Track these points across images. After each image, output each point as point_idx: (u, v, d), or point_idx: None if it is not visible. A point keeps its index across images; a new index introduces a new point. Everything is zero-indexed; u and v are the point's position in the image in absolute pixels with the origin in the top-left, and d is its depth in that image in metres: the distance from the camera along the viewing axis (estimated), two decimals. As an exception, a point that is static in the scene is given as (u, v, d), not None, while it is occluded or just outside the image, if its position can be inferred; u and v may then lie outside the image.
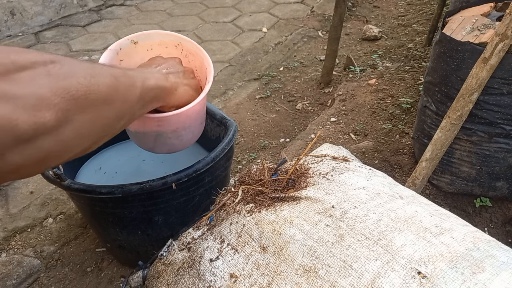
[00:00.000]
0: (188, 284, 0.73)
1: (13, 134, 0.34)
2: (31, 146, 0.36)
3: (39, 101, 0.36)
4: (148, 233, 1.23)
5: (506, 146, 1.29)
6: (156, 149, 0.88)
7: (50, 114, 0.37)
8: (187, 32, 3.22)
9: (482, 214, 1.48)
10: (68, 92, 0.39)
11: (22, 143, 0.35)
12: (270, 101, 2.43)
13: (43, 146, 0.37)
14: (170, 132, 0.83)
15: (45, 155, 0.39)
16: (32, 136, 0.36)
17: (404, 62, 2.51)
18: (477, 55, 1.18)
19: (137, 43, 0.88)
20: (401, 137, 1.86)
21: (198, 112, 0.87)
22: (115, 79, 0.47)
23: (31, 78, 0.37)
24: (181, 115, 0.80)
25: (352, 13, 3.38)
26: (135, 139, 0.89)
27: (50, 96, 0.37)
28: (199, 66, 0.91)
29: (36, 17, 3.35)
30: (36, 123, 0.35)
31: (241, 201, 0.78)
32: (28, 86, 0.36)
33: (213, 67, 0.87)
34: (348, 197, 0.70)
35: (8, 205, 1.77)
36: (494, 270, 0.53)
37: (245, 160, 2.01)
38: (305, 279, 0.60)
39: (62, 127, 0.38)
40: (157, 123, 0.79)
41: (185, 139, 0.89)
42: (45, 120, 0.36)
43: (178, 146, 0.90)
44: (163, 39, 0.91)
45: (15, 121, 0.34)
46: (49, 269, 1.51)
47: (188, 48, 0.91)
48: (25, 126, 0.35)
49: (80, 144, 0.43)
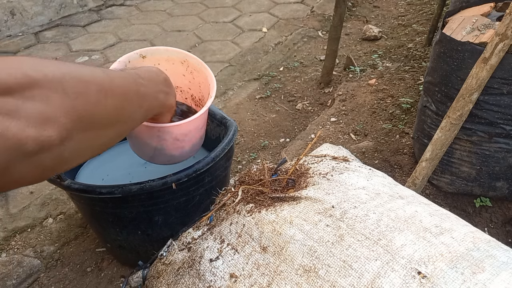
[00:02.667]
0: (188, 284, 0.73)
1: (20, 150, 0.35)
2: (32, 160, 0.37)
3: (47, 120, 0.37)
4: (148, 233, 1.23)
5: (506, 146, 1.29)
6: (155, 159, 0.90)
7: (56, 133, 0.38)
8: (187, 32, 3.22)
9: (482, 214, 1.48)
10: (76, 113, 0.39)
11: (26, 158, 0.36)
12: (270, 101, 2.43)
13: (43, 161, 0.38)
14: (170, 143, 0.84)
15: (43, 169, 0.39)
16: (37, 152, 0.37)
17: (404, 62, 2.51)
18: (477, 55, 1.18)
19: (145, 57, 0.91)
20: (401, 137, 1.86)
21: (199, 125, 0.89)
22: (124, 100, 0.47)
23: (45, 96, 0.37)
24: (182, 127, 0.81)
25: (352, 13, 3.38)
26: (135, 148, 0.90)
27: (58, 116, 0.38)
28: (203, 82, 0.94)
29: (36, 17, 3.35)
30: (42, 141, 0.36)
31: (241, 201, 0.78)
32: (40, 104, 0.36)
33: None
34: (348, 197, 0.70)
35: (8, 205, 1.77)
36: (494, 270, 0.53)
37: (245, 160, 2.01)
38: (305, 279, 0.60)
39: (63, 145, 0.39)
40: (158, 133, 0.80)
41: (185, 151, 0.90)
42: (50, 139, 0.37)
43: (177, 158, 0.91)
44: (171, 55, 0.95)
45: (24, 139, 0.35)
46: (49, 269, 1.51)
47: (193, 65, 0.95)
48: (32, 144, 0.36)
49: (77, 159, 0.44)
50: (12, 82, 0.35)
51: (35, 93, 0.37)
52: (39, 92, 0.37)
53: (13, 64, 0.37)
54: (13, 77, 0.35)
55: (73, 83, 0.40)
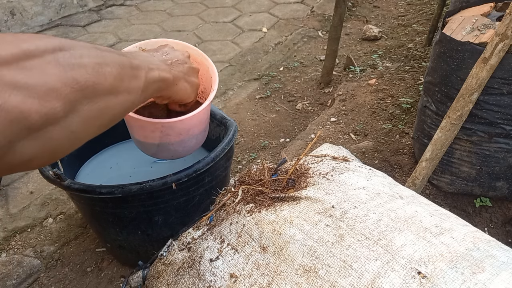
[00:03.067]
0: (188, 284, 0.73)
1: (24, 124, 0.34)
2: (40, 136, 0.36)
3: (49, 91, 0.36)
4: (148, 233, 1.23)
5: (506, 146, 1.29)
6: (159, 154, 0.89)
7: (60, 104, 0.37)
8: (187, 32, 3.22)
9: (482, 214, 1.48)
10: (77, 83, 0.38)
11: (32, 133, 0.35)
12: (270, 101, 2.43)
13: (52, 136, 0.37)
14: (174, 138, 0.84)
15: (54, 145, 0.38)
16: (42, 126, 0.35)
17: (404, 62, 2.51)
18: (477, 55, 1.18)
19: (144, 50, 0.90)
20: (401, 137, 1.86)
21: (202, 120, 0.88)
22: (121, 69, 0.46)
23: (41, 67, 0.36)
24: (185, 122, 0.80)
25: (352, 13, 3.38)
26: (139, 144, 0.90)
27: (60, 86, 0.37)
28: (205, 74, 0.93)
29: (36, 17, 3.35)
30: (46, 113, 0.35)
31: (241, 201, 0.78)
32: (38, 75, 0.35)
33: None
34: (348, 197, 0.70)
35: (8, 205, 1.77)
36: (494, 270, 0.53)
37: (245, 160, 2.01)
38: (305, 279, 0.60)
39: (69, 117, 0.38)
40: (161, 128, 0.79)
41: (188, 145, 0.90)
42: (55, 110, 0.36)
43: (181, 153, 0.91)
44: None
45: (27, 111, 0.34)
46: (49, 269, 1.51)
47: (194, 57, 0.93)
48: (35, 116, 0.34)
49: (87, 134, 0.43)
50: (6, 54, 0.34)
51: (32, 64, 0.35)
52: (35, 63, 0.36)
53: (5, 38, 0.36)
54: (8, 49, 0.34)
55: (65, 54, 0.39)
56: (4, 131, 0.32)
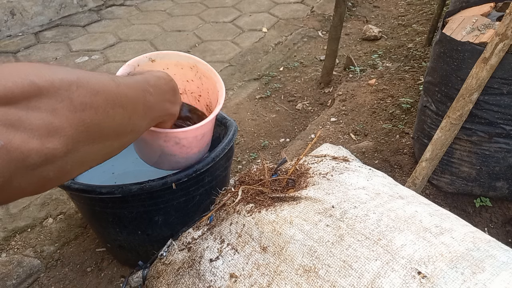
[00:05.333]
0: (188, 284, 0.73)
1: (23, 164, 0.34)
2: (35, 173, 0.36)
3: (53, 131, 0.35)
4: (148, 233, 1.23)
5: (506, 146, 1.29)
6: (160, 164, 0.89)
7: (61, 145, 0.36)
8: (187, 32, 3.22)
9: (482, 214, 1.48)
10: (83, 124, 0.38)
11: (29, 171, 0.35)
12: (270, 101, 2.43)
13: (45, 173, 0.37)
14: (176, 149, 0.83)
15: (45, 181, 0.38)
16: (40, 165, 0.35)
17: (404, 62, 2.51)
18: (477, 55, 1.18)
19: (154, 61, 0.90)
20: (401, 137, 1.86)
21: (206, 132, 0.88)
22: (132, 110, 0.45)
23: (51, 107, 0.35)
24: (188, 133, 0.80)
25: (352, 13, 3.38)
26: (140, 153, 0.90)
27: (65, 126, 0.36)
28: (212, 88, 0.94)
29: (36, 17, 3.35)
30: (46, 153, 0.35)
31: (241, 201, 0.78)
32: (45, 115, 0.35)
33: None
34: (348, 197, 0.70)
35: (8, 205, 1.77)
36: (494, 270, 0.53)
37: (245, 160, 2.01)
38: (305, 279, 0.60)
39: (68, 157, 0.38)
40: (164, 138, 0.79)
41: (190, 157, 0.90)
42: (55, 151, 0.36)
43: (182, 163, 0.91)
44: (180, 60, 0.93)
45: (27, 152, 0.33)
46: (49, 269, 1.51)
47: (202, 71, 0.93)
48: (35, 157, 0.34)
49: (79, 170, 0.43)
50: (17, 91, 0.33)
51: (42, 103, 0.35)
52: (45, 102, 0.35)
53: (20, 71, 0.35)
54: (19, 85, 0.34)
55: (81, 93, 0.38)
56: (2, 170, 0.32)
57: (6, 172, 0.33)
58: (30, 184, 0.36)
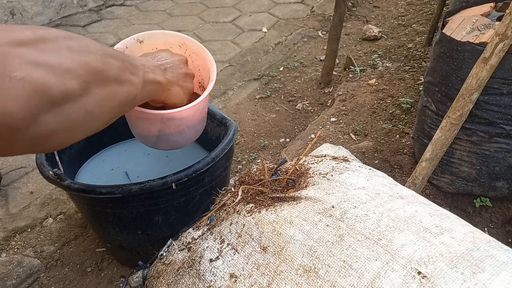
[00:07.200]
0: (188, 284, 0.73)
1: (46, 96, 0.36)
2: (61, 111, 0.39)
3: (66, 71, 0.39)
4: (148, 233, 1.23)
5: (506, 146, 1.29)
6: (158, 145, 0.89)
7: (76, 83, 0.39)
8: (187, 32, 3.22)
9: (482, 214, 1.48)
10: (89, 67, 0.42)
11: (53, 107, 0.37)
12: (270, 101, 2.43)
13: (71, 112, 0.40)
14: (173, 129, 0.84)
15: (73, 122, 0.41)
16: (62, 102, 0.38)
17: (404, 62, 2.51)
18: (477, 55, 1.18)
19: (142, 42, 0.90)
20: (401, 137, 1.86)
21: (201, 110, 0.88)
22: (122, 63, 0.50)
23: (57, 50, 0.39)
24: (184, 113, 0.80)
25: (352, 13, 3.38)
26: (138, 136, 0.90)
27: (75, 67, 0.40)
28: (202, 65, 0.93)
29: (36, 17, 3.35)
30: (65, 89, 0.38)
31: (241, 201, 0.78)
32: (55, 56, 0.38)
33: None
34: (348, 197, 0.70)
35: (8, 205, 1.77)
36: (494, 270, 0.53)
37: (245, 160, 2.01)
38: (305, 279, 0.60)
39: (85, 97, 0.41)
40: (161, 119, 0.80)
41: (188, 136, 0.90)
42: (72, 88, 0.39)
43: (180, 143, 0.91)
44: (168, 39, 0.93)
45: (48, 85, 0.36)
46: (49, 269, 1.51)
47: (191, 48, 0.93)
48: (56, 91, 0.37)
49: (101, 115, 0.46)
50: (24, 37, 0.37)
51: (48, 47, 0.38)
52: (51, 46, 0.39)
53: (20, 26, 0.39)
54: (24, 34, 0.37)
55: (76, 42, 0.42)
56: (28, 102, 0.34)
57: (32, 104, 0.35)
58: (59, 124, 0.39)
